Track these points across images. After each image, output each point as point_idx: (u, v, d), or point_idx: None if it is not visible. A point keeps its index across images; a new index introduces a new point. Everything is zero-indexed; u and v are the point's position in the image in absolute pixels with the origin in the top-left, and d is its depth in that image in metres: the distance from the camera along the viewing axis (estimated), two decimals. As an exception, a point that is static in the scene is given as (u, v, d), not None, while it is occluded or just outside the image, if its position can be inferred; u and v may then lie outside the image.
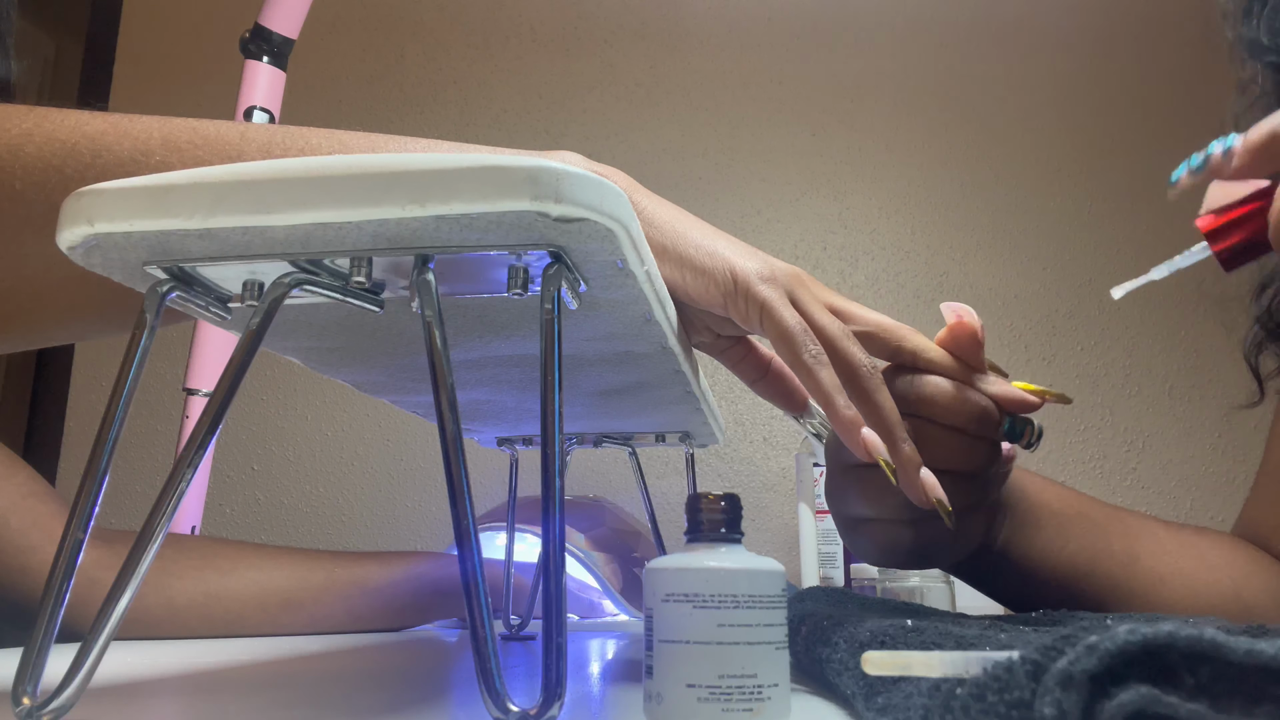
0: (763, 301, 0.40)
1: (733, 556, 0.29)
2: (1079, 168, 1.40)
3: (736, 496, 0.30)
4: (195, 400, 0.91)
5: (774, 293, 0.41)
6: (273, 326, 0.30)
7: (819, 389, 0.40)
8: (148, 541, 0.27)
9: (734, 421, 1.36)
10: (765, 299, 0.40)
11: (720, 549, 0.29)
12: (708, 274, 0.41)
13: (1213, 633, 0.16)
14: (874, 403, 0.42)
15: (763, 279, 0.41)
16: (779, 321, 0.40)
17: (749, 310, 0.41)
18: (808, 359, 0.40)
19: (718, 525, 0.30)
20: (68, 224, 0.28)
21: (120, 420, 0.29)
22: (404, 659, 0.53)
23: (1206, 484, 1.29)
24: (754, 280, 0.41)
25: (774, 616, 0.28)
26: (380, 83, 1.49)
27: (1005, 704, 0.18)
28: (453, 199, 0.26)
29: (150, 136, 0.38)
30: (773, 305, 0.41)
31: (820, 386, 0.40)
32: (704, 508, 0.30)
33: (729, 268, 0.41)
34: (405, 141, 0.41)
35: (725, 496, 0.30)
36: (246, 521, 1.36)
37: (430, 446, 1.36)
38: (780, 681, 0.28)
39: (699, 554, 0.29)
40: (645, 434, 0.62)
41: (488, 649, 0.26)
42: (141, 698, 0.38)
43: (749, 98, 1.45)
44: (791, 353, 0.40)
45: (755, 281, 0.41)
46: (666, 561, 0.29)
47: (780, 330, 0.40)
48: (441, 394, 0.28)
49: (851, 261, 1.40)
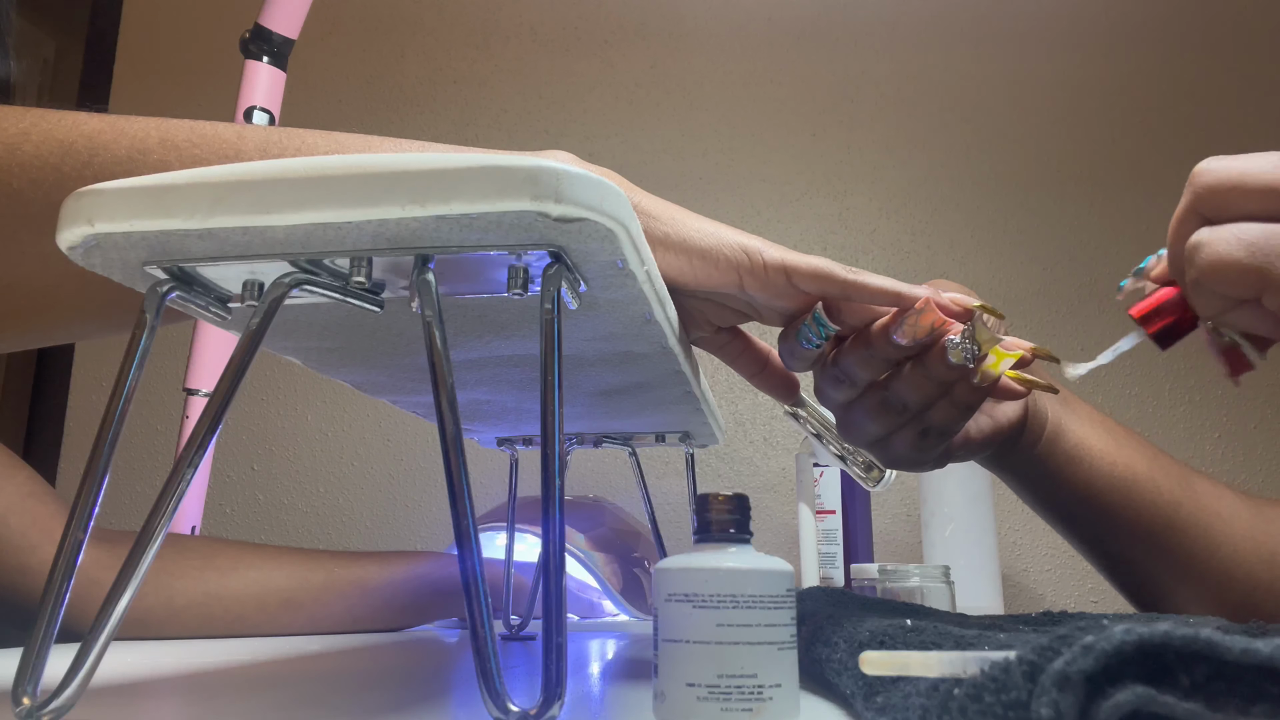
0: (781, 258, 0.42)
1: (737, 557, 0.29)
2: (1079, 168, 1.40)
3: (744, 497, 0.30)
4: (195, 400, 0.91)
5: (788, 251, 0.43)
6: (273, 326, 0.30)
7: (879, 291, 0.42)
8: (148, 541, 0.27)
9: (734, 421, 1.36)
10: (782, 257, 0.42)
11: (729, 549, 0.30)
12: (715, 254, 0.42)
13: (1208, 632, 0.17)
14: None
15: (772, 246, 0.43)
16: (808, 263, 0.42)
17: (770, 274, 0.42)
18: (852, 275, 0.42)
19: (724, 526, 0.30)
20: (67, 224, 0.28)
21: (120, 420, 0.29)
22: (404, 659, 0.53)
23: (1206, 484, 1.29)
24: (765, 248, 0.42)
25: (776, 617, 0.28)
26: (380, 83, 1.49)
27: (1002, 704, 0.18)
28: (453, 199, 0.26)
29: (148, 136, 0.38)
30: (793, 258, 0.42)
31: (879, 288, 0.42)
32: (711, 508, 0.30)
33: (738, 243, 0.42)
34: (401, 143, 0.41)
35: (732, 497, 0.30)
36: (246, 521, 1.36)
37: (430, 446, 1.36)
38: (784, 682, 0.28)
39: (704, 554, 0.29)
40: (645, 434, 0.62)
41: (488, 649, 0.26)
42: (141, 698, 0.38)
43: (749, 98, 1.45)
44: (834, 279, 0.42)
45: (767, 248, 0.42)
46: (671, 562, 0.29)
47: (813, 268, 0.42)
48: (441, 394, 0.28)
49: (851, 261, 1.40)
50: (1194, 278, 0.37)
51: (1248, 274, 0.35)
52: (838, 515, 0.99)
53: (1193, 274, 0.37)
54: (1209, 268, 0.36)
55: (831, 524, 0.99)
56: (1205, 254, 0.36)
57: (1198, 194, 0.37)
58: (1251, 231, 0.35)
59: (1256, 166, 0.36)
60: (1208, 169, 0.37)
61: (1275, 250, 0.34)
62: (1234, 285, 0.36)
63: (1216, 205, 0.37)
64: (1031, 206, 1.40)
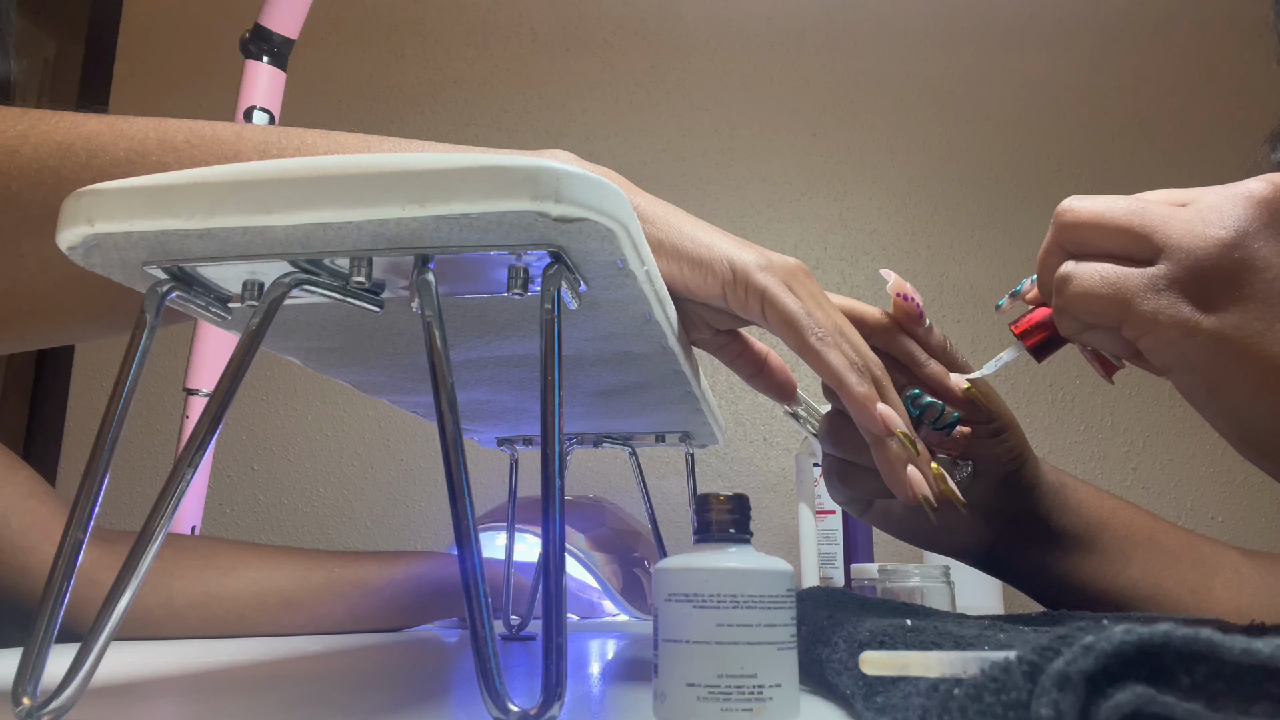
0: (763, 289, 0.41)
1: (737, 557, 0.29)
2: (1079, 168, 1.40)
3: (744, 497, 0.30)
4: (195, 400, 0.91)
5: (773, 280, 0.41)
6: (273, 326, 0.30)
7: (829, 369, 0.40)
8: (148, 541, 0.27)
9: (734, 421, 1.36)
10: (765, 286, 0.41)
11: (729, 549, 0.30)
12: (705, 266, 0.41)
13: (1209, 632, 0.17)
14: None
15: (761, 268, 0.41)
16: (782, 307, 0.41)
17: (749, 299, 0.41)
18: (815, 341, 0.40)
19: (724, 526, 0.30)
20: (67, 224, 0.28)
21: (120, 420, 0.29)
22: (404, 659, 0.53)
23: (1206, 484, 1.29)
24: (753, 269, 0.41)
25: (776, 617, 0.28)
26: (380, 83, 1.49)
27: (1002, 704, 0.18)
28: (453, 199, 0.26)
29: (146, 137, 0.38)
30: (774, 292, 0.41)
31: (830, 367, 0.40)
32: (711, 508, 0.30)
33: (727, 258, 0.41)
34: (400, 143, 0.41)
35: (732, 497, 0.30)
36: (246, 521, 1.36)
37: (430, 446, 1.36)
38: (784, 682, 0.28)
39: (704, 554, 0.29)
40: (645, 434, 0.62)
41: (488, 649, 0.26)
42: (141, 698, 0.38)
43: (749, 98, 1.45)
44: (798, 337, 0.41)
45: (754, 270, 0.41)
46: (671, 562, 0.29)
47: (784, 316, 0.41)
48: (441, 394, 0.28)
49: (851, 261, 1.40)
50: (1060, 305, 0.41)
51: (1110, 307, 0.39)
52: (838, 515, 0.99)
53: (1059, 301, 0.41)
54: (1075, 298, 0.40)
55: (831, 524, 0.99)
56: (1073, 287, 0.40)
57: (1061, 230, 0.42)
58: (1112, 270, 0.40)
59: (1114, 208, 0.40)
60: (1069, 208, 0.41)
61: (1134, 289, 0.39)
62: (1097, 315, 0.40)
63: (1077, 241, 0.41)
64: (1031, 206, 1.40)
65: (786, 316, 0.41)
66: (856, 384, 0.40)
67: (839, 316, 0.43)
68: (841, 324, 0.42)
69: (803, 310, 0.41)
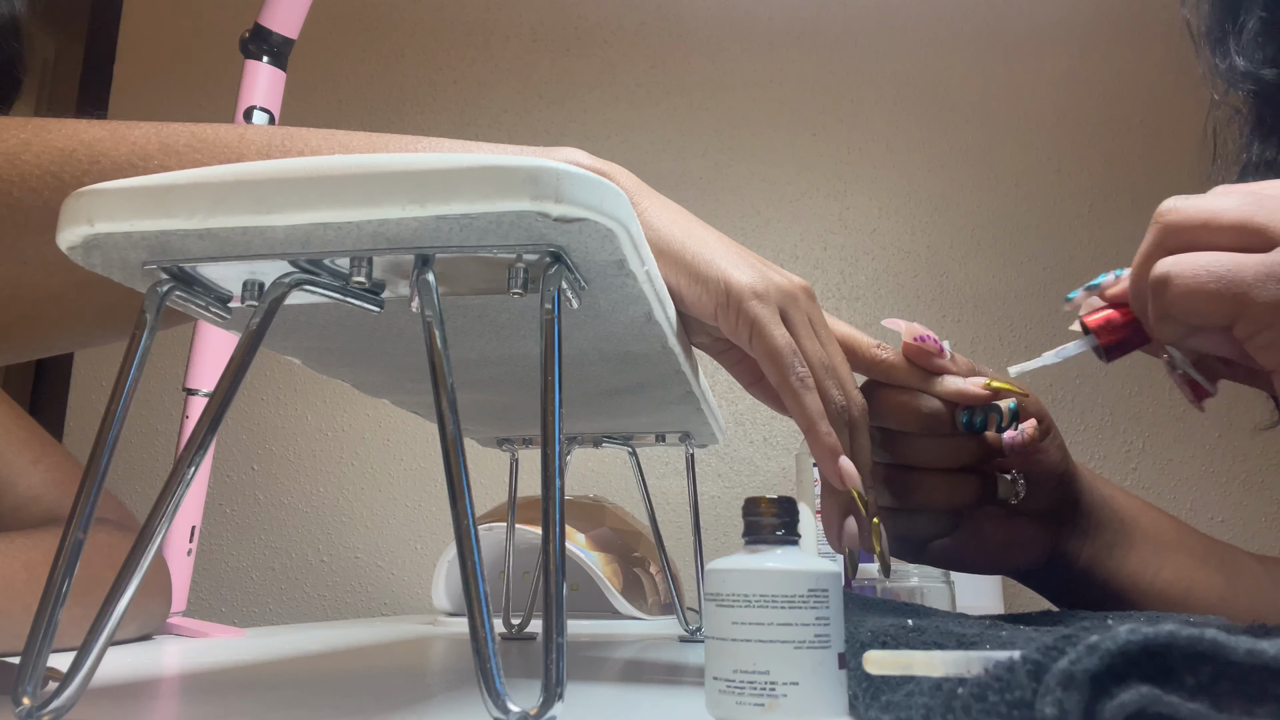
0: (753, 319, 0.40)
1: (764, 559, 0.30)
2: (1079, 168, 1.40)
3: (789, 500, 0.31)
4: (195, 400, 0.91)
5: (765, 310, 0.41)
6: (273, 326, 0.30)
7: (802, 413, 0.41)
8: (148, 541, 0.27)
9: (734, 421, 1.36)
10: (755, 317, 0.40)
11: (776, 551, 0.30)
12: (702, 283, 0.41)
13: (1213, 632, 0.16)
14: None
15: (755, 295, 0.41)
16: (768, 341, 0.41)
17: (739, 326, 0.41)
18: (794, 381, 0.41)
19: (765, 528, 0.31)
20: (68, 223, 0.28)
21: (120, 420, 0.29)
22: (404, 659, 0.53)
23: (1206, 484, 1.29)
24: (746, 296, 0.41)
25: (793, 616, 0.28)
26: (380, 83, 1.49)
27: (1006, 704, 0.18)
28: (453, 199, 0.26)
29: (148, 141, 0.38)
30: (762, 324, 0.41)
31: (803, 411, 0.41)
32: (755, 511, 0.31)
33: (723, 279, 0.41)
34: (406, 141, 0.41)
35: (775, 500, 0.31)
36: (246, 521, 1.36)
37: (430, 446, 1.36)
38: (801, 680, 0.28)
39: (738, 556, 0.30)
40: (645, 434, 0.62)
41: (488, 649, 0.26)
42: (141, 698, 0.38)
43: (749, 98, 1.45)
44: (779, 374, 0.41)
45: (747, 297, 0.41)
46: (713, 563, 0.30)
47: (769, 349, 0.41)
48: (441, 394, 0.28)
49: (852, 261, 1.40)
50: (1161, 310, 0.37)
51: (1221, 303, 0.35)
52: (838, 515, 0.99)
53: (1160, 307, 0.37)
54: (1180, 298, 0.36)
55: (832, 524, 0.99)
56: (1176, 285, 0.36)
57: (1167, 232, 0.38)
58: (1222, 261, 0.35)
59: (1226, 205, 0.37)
60: (1175, 208, 0.38)
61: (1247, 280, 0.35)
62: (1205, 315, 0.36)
63: (1184, 242, 0.37)
64: (1031, 206, 1.40)
65: (771, 351, 0.41)
66: (825, 434, 0.41)
67: (832, 349, 0.43)
68: (833, 359, 0.43)
69: (789, 348, 0.41)
